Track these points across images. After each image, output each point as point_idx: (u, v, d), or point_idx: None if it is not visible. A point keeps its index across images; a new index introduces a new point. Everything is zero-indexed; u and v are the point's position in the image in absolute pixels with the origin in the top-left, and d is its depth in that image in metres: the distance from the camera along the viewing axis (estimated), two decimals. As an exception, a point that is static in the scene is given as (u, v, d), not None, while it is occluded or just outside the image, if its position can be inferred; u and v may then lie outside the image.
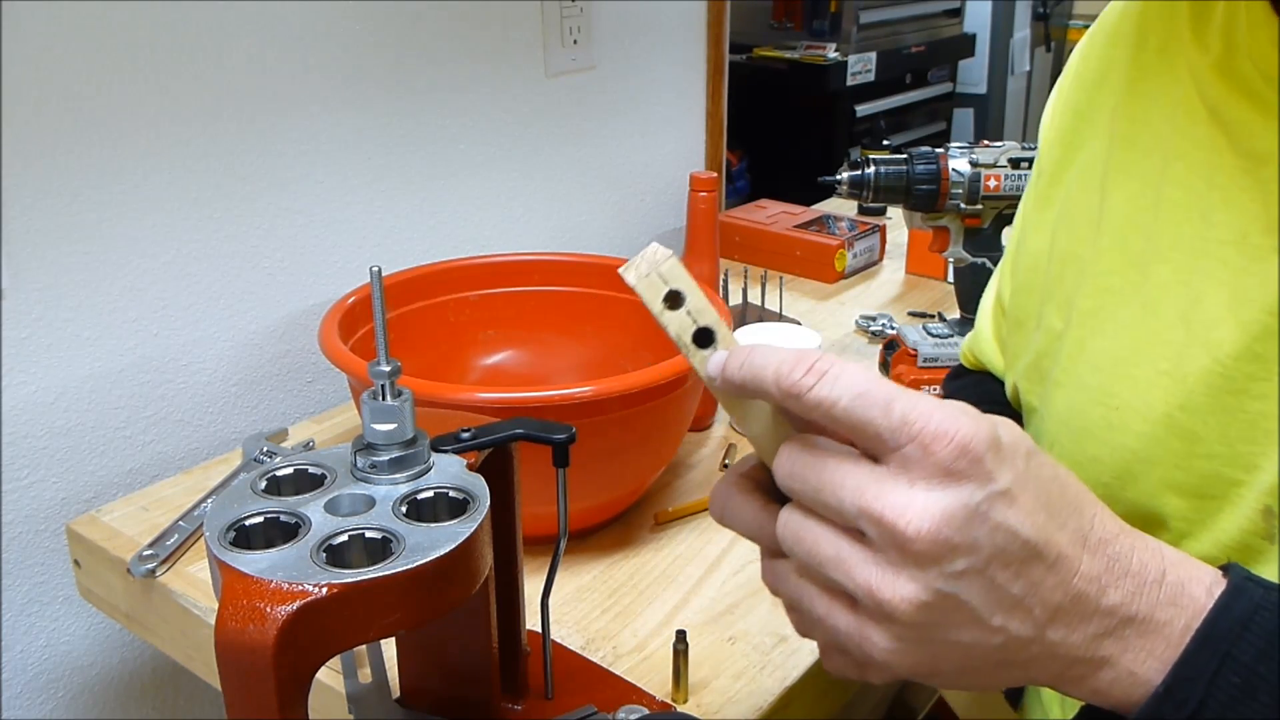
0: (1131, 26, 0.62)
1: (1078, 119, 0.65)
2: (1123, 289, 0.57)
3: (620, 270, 0.46)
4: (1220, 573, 0.44)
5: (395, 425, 0.51)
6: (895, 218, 1.63)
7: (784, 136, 2.74)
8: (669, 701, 0.71)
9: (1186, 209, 0.55)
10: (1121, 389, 0.57)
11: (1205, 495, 0.53)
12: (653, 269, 0.45)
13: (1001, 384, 0.75)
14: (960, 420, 0.40)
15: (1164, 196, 0.56)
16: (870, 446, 0.42)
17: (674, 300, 0.45)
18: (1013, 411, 0.72)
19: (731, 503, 0.49)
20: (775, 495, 0.48)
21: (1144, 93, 0.59)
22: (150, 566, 0.85)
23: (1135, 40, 0.61)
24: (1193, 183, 0.55)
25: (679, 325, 0.45)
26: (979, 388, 0.78)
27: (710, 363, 0.46)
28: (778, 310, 1.32)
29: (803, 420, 0.46)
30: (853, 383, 0.41)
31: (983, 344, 0.78)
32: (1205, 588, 0.43)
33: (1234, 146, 0.53)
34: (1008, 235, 0.83)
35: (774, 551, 0.48)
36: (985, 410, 0.75)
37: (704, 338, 0.46)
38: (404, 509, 0.50)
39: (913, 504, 0.40)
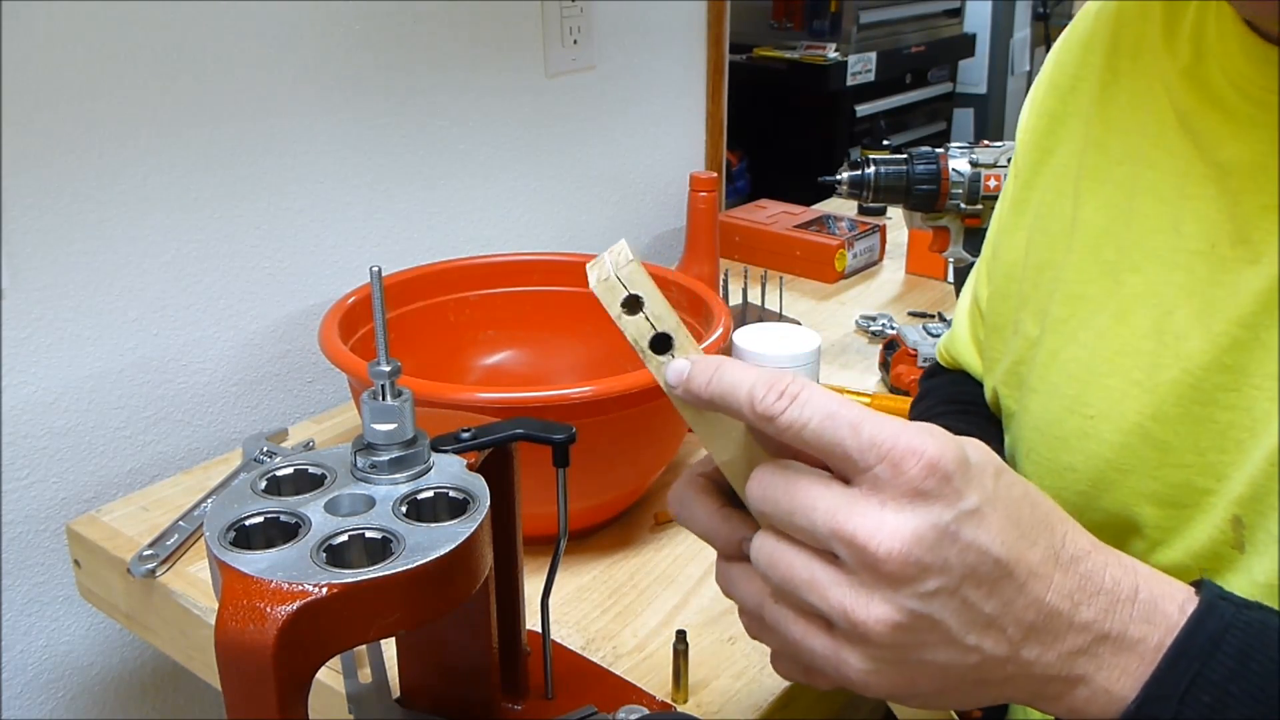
0: (1105, 31, 0.62)
1: (1052, 123, 0.65)
2: (1096, 297, 0.58)
3: (587, 267, 0.46)
4: (1193, 589, 0.44)
5: (395, 425, 0.51)
6: (895, 218, 1.63)
7: (784, 136, 2.74)
8: (669, 701, 0.71)
9: (1157, 218, 0.55)
10: (1096, 398, 0.57)
11: (1178, 504, 0.54)
12: (613, 271, 0.44)
13: (977, 384, 0.75)
14: (928, 440, 0.40)
15: (1135, 205, 0.56)
16: (841, 468, 0.42)
17: (633, 305, 0.45)
18: (988, 413, 0.73)
19: (689, 503, 0.49)
20: (733, 499, 0.49)
21: (1116, 99, 0.59)
22: (150, 566, 0.85)
23: (1108, 46, 0.61)
24: (1163, 192, 0.55)
25: (636, 330, 0.45)
26: (954, 387, 0.78)
27: (670, 370, 0.45)
28: (778, 310, 1.32)
29: (767, 441, 0.46)
30: (822, 405, 0.41)
31: (959, 344, 0.78)
32: (1178, 605, 0.43)
33: (1203, 155, 0.53)
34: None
35: (728, 555, 0.48)
36: (960, 411, 0.76)
37: (662, 344, 0.45)
38: (404, 509, 0.50)
39: (884, 525, 0.40)
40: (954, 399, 0.77)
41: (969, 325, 0.77)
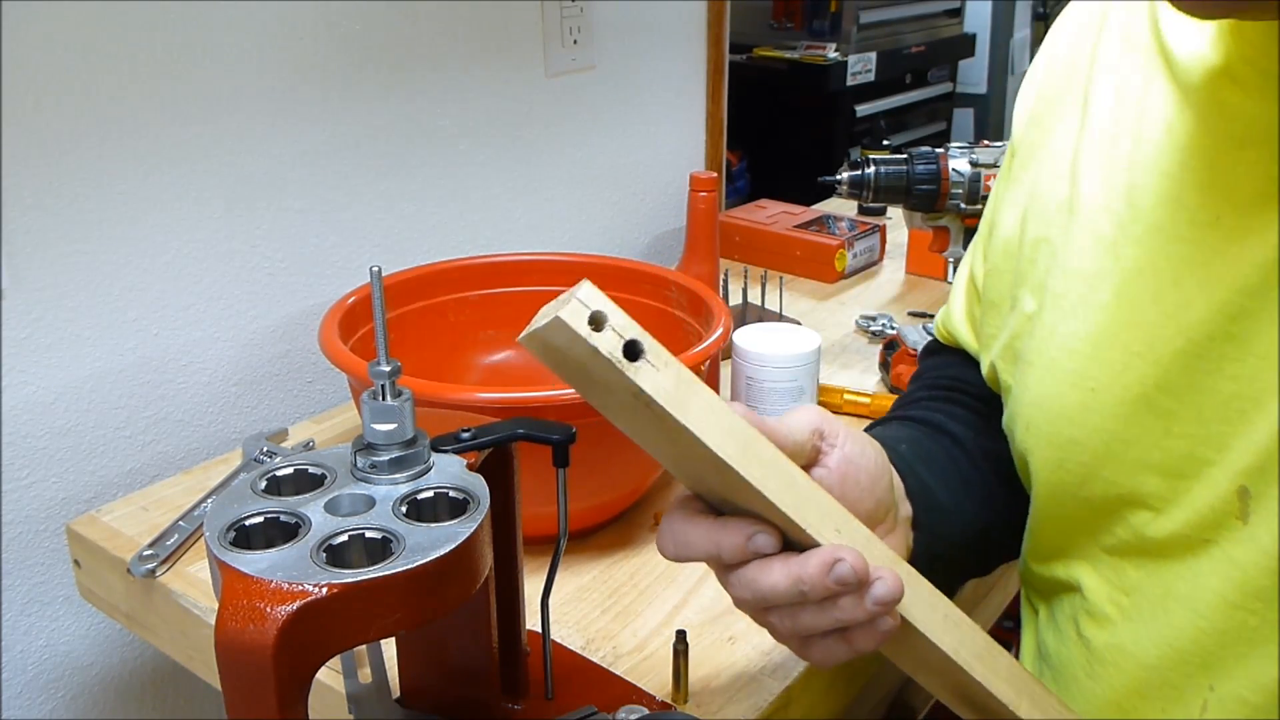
0: (1099, 9, 0.62)
1: (1048, 104, 0.65)
2: (1096, 273, 0.58)
3: (521, 337, 0.46)
4: None
5: (395, 425, 0.51)
6: (895, 218, 1.63)
7: (784, 136, 2.74)
8: (669, 701, 0.71)
9: (1159, 192, 0.55)
10: (1097, 371, 0.57)
11: (1179, 474, 0.54)
12: (570, 297, 0.45)
13: (969, 365, 0.76)
14: None
15: (1136, 180, 0.57)
16: None
17: (598, 321, 0.45)
18: (976, 395, 0.74)
19: (683, 532, 0.52)
20: (718, 512, 0.52)
21: (1113, 75, 0.60)
22: (150, 566, 0.85)
23: (1105, 24, 0.61)
24: (1165, 166, 0.55)
25: (609, 344, 0.46)
26: (943, 370, 0.79)
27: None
28: (778, 310, 1.32)
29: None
30: None
31: (954, 320, 0.79)
32: None
33: (1208, 128, 0.53)
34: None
35: (737, 560, 0.51)
36: (943, 397, 0.76)
37: (632, 351, 0.46)
38: (404, 509, 0.50)
39: None
40: (938, 383, 0.78)
41: (964, 301, 0.78)
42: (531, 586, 0.64)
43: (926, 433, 0.72)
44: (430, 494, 0.51)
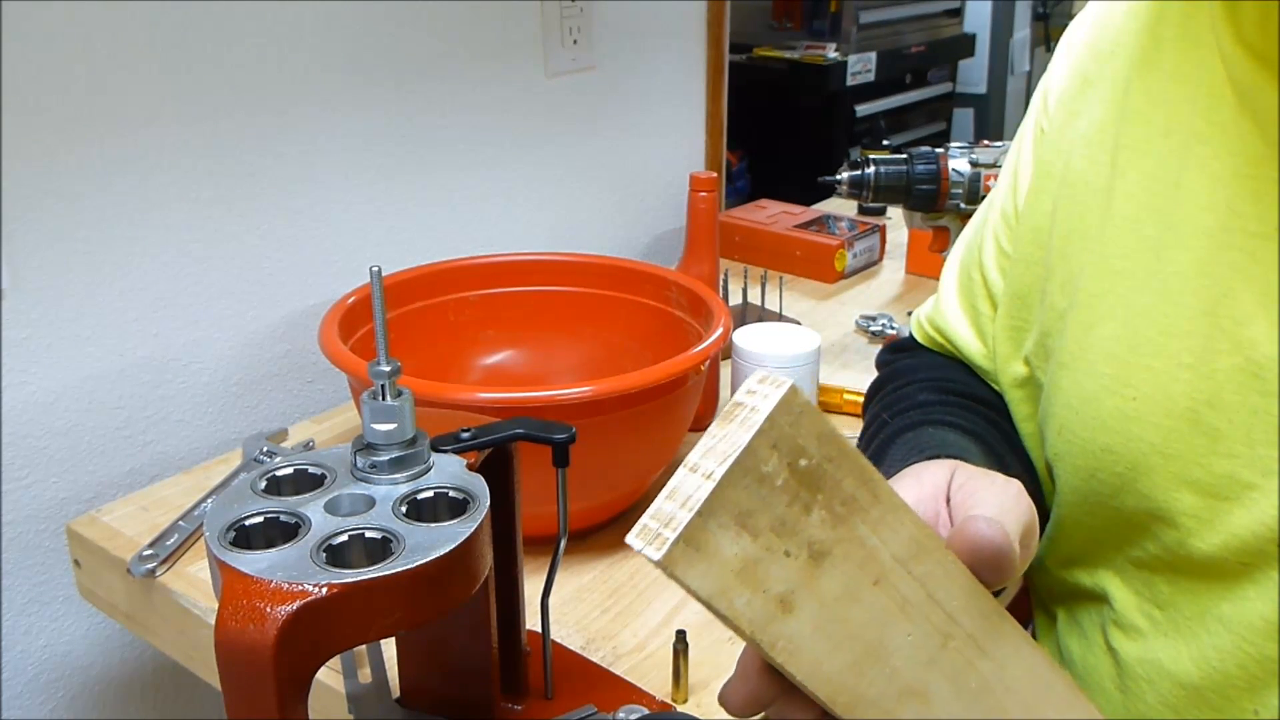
0: None
1: (1084, 86, 0.62)
2: (1135, 274, 0.55)
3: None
4: None
5: (395, 425, 0.51)
6: (895, 218, 1.63)
7: (784, 136, 2.74)
8: (669, 701, 0.71)
9: (1209, 196, 0.52)
10: (1138, 379, 0.55)
11: (1219, 495, 0.52)
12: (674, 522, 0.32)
13: (961, 368, 0.72)
14: None
15: (1184, 181, 0.53)
16: None
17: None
18: (988, 404, 0.69)
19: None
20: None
21: (1163, 67, 0.56)
22: (150, 566, 0.85)
23: (1155, 13, 0.58)
24: (1216, 169, 0.52)
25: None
26: (939, 372, 0.73)
27: None
28: (778, 310, 1.32)
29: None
30: None
31: (947, 317, 0.74)
32: None
33: (1264, 134, 0.50)
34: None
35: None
36: (958, 405, 0.69)
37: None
38: (404, 509, 0.50)
39: None
40: (946, 388, 0.71)
41: (961, 297, 0.73)
42: (531, 586, 0.64)
43: (978, 446, 0.65)
44: (430, 494, 0.51)
